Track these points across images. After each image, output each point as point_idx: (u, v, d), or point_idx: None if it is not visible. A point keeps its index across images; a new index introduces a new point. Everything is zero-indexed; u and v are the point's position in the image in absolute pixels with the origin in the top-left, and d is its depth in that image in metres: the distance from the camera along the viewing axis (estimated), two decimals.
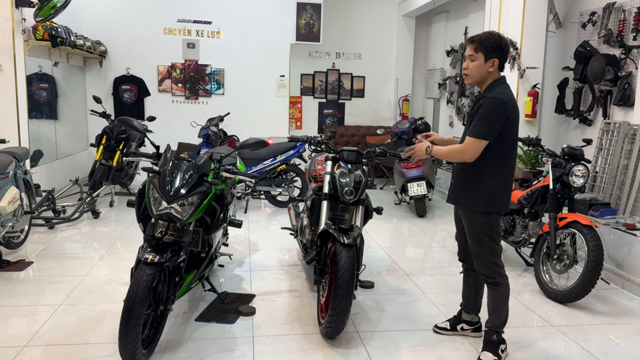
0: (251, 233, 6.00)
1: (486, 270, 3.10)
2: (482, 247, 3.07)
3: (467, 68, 3.02)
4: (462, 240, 3.35)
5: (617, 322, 3.85)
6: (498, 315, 3.14)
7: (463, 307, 3.52)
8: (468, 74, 3.03)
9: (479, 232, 3.06)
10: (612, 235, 4.60)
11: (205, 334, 3.45)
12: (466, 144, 2.94)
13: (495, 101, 2.88)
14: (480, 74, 2.99)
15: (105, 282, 4.31)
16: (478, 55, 2.97)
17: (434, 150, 3.08)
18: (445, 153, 3.06)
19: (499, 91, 2.94)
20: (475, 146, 2.91)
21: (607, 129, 5.45)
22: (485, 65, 2.96)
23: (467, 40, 3.07)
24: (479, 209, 3.03)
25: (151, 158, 3.52)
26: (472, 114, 3.02)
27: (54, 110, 7.51)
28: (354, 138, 10.14)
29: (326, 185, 3.85)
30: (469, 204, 3.07)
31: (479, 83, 3.04)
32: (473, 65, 2.99)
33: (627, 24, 5.40)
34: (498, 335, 3.17)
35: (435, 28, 10.21)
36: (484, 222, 3.03)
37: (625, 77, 5.36)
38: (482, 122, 2.89)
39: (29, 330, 3.42)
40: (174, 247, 3.08)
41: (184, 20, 8.85)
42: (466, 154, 2.95)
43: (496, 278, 3.09)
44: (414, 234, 6.23)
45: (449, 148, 3.05)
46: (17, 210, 4.75)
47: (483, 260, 3.09)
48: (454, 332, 3.52)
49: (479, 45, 2.96)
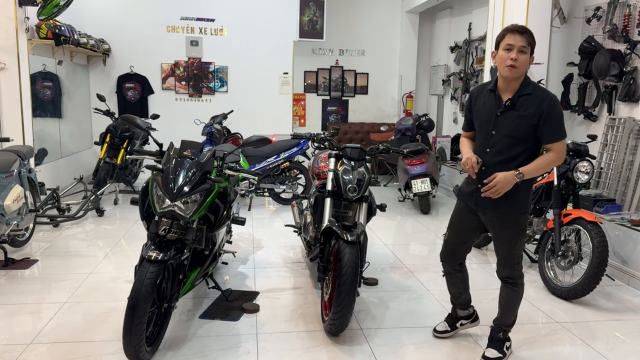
0: (255, 230, 6.00)
1: (512, 272, 3.02)
2: (517, 250, 2.99)
3: (517, 60, 2.77)
4: (458, 243, 3.20)
5: (623, 319, 3.83)
6: (510, 314, 3.11)
7: (457, 305, 3.43)
8: (517, 66, 2.78)
9: (517, 234, 2.97)
10: (617, 231, 4.58)
11: (210, 331, 3.46)
12: (560, 148, 2.83)
13: (558, 100, 2.86)
14: (525, 69, 2.85)
15: (109, 280, 4.32)
16: (529, 49, 2.80)
17: (527, 174, 2.82)
18: (541, 168, 2.86)
19: (543, 88, 2.91)
20: (565, 147, 2.92)
21: (612, 125, 5.42)
22: (529, 60, 2.84)
23: (511, 30, 2.81)
24: (522, 211, 2.94)
25: (155, 156, 3.52)
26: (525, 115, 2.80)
27: (58, 108, 7.53)
28: (358, 135, 10.13)
29: (329, 183, 3.84)
30: (510, 208, 2.91)
31: (517, 79, 2.85)
32: (524, 58, 2.79)
33: (633, 18, 5.37)
34: (505, 333, 3.15)
35: (439, 24, 10.18)
36: (522, 223, 2.96)
37: (630, 73, 5.33)
38: (561, 122, 2.82)
39: (34, 328, 3.43)
40: (178, 245, 3.09)
41: (187, 18, 8.84)
42: (563, 157, 2.89)
43: (517, 280, 3.04)
44: (418, 231, 6.22)
45: (541, 163, 2.84)
46: (22, 208, 4.77)
47: (513, 262, 3.01)
48: (455, 330, 3.46)
49: (531, 38, 2.81)
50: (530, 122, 2.81)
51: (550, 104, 2.79)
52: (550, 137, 2.83)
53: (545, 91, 2.86)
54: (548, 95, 2.83)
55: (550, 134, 2.82)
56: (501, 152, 2.88)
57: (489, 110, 2.93)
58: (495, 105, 2.90)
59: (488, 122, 2.92)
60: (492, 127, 2.90)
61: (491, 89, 2.94)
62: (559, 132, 2.82)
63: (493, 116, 2.90)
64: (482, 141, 2.97)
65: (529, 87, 2.85)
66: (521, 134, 2.84)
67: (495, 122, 2.89)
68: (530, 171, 2.82)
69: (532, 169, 2.83)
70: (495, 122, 2.89)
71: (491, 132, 2.90)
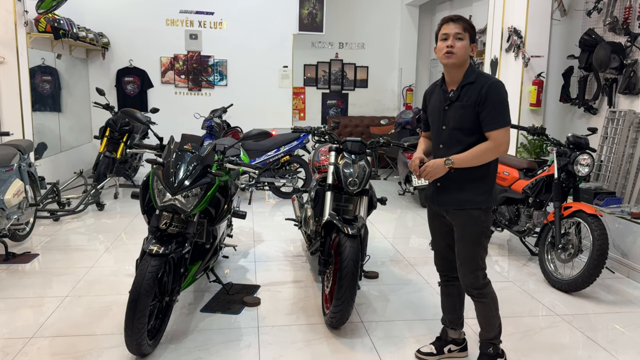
0: (255, 224, 6.00)
1: (475, 280, 2.82)
2: (478, 251, 2.80)
3: (453, 46, 2.69)
4: (443, 248, 3.03)
5: (622, 311, 3.84)
6: (491, 327, 2.91)
7: (447, 323, 3.16)
8: (455, 52, 2.69)
9: (477, 233, 2.79)
10: (617, 224, 4.59)
11: (211, 325, 3.47)
12: (498, 136, 2.66)
13: (500, 84, 2.71)
14: (465, 56, 2.73)
15: (110, 274, 4.33)
16: (465, 35, 2.71)
17: (457, 161, 2.70)
18: (474, 157, 2.71)
19: (487, 74, 2.79)
20: (507, 135, 2.70)
21: (613, 118, 5.41)
22: (468, 48, 2.73)
23: (446, 20, 2.76)
24: (481, 206, 2.77)
25: (155, 150, 3.51)
26: (468, 104, 2.71)
27: (58, 102, 7.51)
28: (358, 129, 10.12)
29: (330, 176, 3.84)
30: (470, 203, 2.77)
31: (459, 66, 2.75)
32: (462, 44, 2.70)
33: (633, 11, 5.35)
34: (495, 348, 2.92)
35: (439, 17, 10.14)
36: (484, 221, 2.79)
37: (630, 65, 5.32)
38: (501, 108, 2.67)
39: (35, 322, 3.44)
40: (179, 239, 3.09)
41: (186, 11, 8.81)
42: (502, 147, 2.69)
43: (482, 289, 2.83)
44: (418, 224, 6.23)
45: (474, 152, 2.70)
46: (22, 202, 4.77)
47: (474, 266, 2.81)
48: (441, 355, 3.14)
49: (467, 25, 2.73)
50: (473, 111, 2.70)
51: (489, 89, 2.67)
52: (487, 124, 2.68)
53: (487, 77, 2.75)
54: (489, 80, 2.71)
55: (487, 121, 2.68)
56: (452, 146, 2.78)
57: (438, 105, 2.86)
58: (443, 100, 2.82)
59: (438, 117, 2.85)
60: (441, 122, 2.82)
61: (439, 84, 2.88)
62: (497, 118, 2.66)
63: (441, 111, 2.82)
64: (434, 137, 2.90)
65: (472, 76, 2.74)
66: (467, 124, 2.73)
67: (443, 117, 2.81)
68: (461, 159, 2.70)
69: (464, 157, 2.70)
70: (443, 116, 2.81)
71: (441, 127, 2.82)
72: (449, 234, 2.94)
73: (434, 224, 3.04)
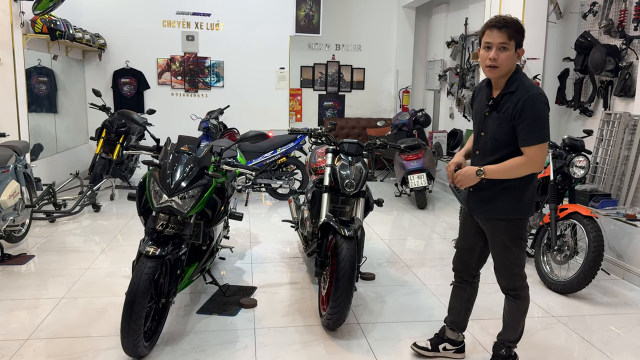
0: (252, 226, 6.00)
1: (511, 282, 2.81)
2: (512, 258, 2.77)
3: (497, 59, 2.55)
4: (466, 249, 3.00)
5: (618, 313, 3.86)
6: (514, 329, 2.91)
7: (448, 323, 3.14)
8: (498, 65, 2.55)
9: (505, 241, 2.75)
10: (612, 226, 4.61)
11: (207, 326, 3.46)
12: (532, 153, 2.55)
13: (538, 98, 2.55)
14: (510, 67, 2.58)
15: (107, 275, 4.32)
16: (511, 44, 2.54)
17: (489, 173, 2.63)
18: (506, 170, 2.61)
19: (530, 85, 2.60)
20: (543, 152, 2.56)
21: (608, 120, 5.43)
22: (515, 56, 2.58)
23: (489, 25, 2.58)
24: (512, 216, 2.71)
25: (151, 151, 3.51)
26: (505, 116, 2.61)
27: (54, 103, 7.50)
28: (354, 130, 10.13)
29: (327, 178, 3.84)
30: (499, 212, 2.72)
31: (504, 76, 2.63)
32: (506, 55, 2.54)
33: (628, 14, 5.38)
34: (508, 350, 2.93)
35: (435, 19, 10.17)
36: (512, 230, 2.73)
37: (626, 68, 5.35)
38: (538, 123, 2.54)
39: (31, 324, 3.43)
40: (175, 240, 3.09)
41: (183, 13, 8.80)
42: (537, 164, 2.57)
43: (518, 290, 2.82)
44: (415, 226, 6.24)
45: (507, 165, 2.60)
46: (18, 204, 4.76)
47: (507, 271, 2.80)
48: (435, 352, 3.14)
49: (514, 32, 2.53)
50: (509, 123, 2.60)
51: (525, 103, 2.54)
52: (523, 139, 2.57)
53: (527, 88, 2.58)
54: (527, 92, 2.56)
55: (522, 136, 2.56)
56: (486, 155, 2.72)
57: (480, 110, 2.78)
58: (485, 105, 2.73)
59: (478, 122, 2.78)
60: (481, 128, 2.75)
61: (485, 84, 2.77)
62: (533, 134, 2.54)
63: (482, 116, 2.74)
64: (474, 141, 2.83)
65: (514, 85, 2.61)
66: (503, 136, 2.63)
67: (483, 123, 2.74)
68: (493, 171, 2.62)
69: (496, 169, 2.62)
70: (483, 122, 2.74)
71: (480, 133, 2.76)
72: (477, 236, 2.93)
73: (466, 222, 3.00)
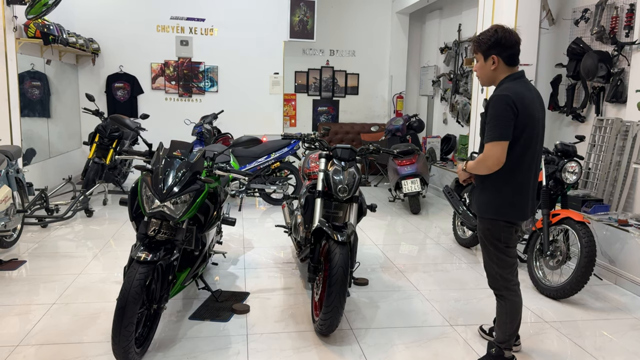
0: (245, 231, 5.99)
1: (492, 280, 3.00)
2: (489, 256, 2.96)
3: (477, 71, 2.93)
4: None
5: (610, 318, 3.87)
6: (501, 330, 3.02)
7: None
8: (478, 76, 2.94)
9: (484, 238, 2.95)
10: (604, 231, 4.62)
11: (200, 332, 3.45)
12: (485, 149, 2.75)
13: (499, 98, 2.71)
14: (486, 75, 2.87)
15: (98, 281, 4.29)
16: (478, 56, 2.87)
17: (468, 167, 2.95)
18: (473, 165, 2.88)
19: (504, 87, 2.78)
20: (495, 150, 2.70)
21: (600, 126, 5.47)
22: (486, 65, 2.84)
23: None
24: (485, 215, 2.89)
25: (144, 156, 3.50)
26: (483, 118, 2.88)
27: (47, 108, 7.47)
28: (348, 135, 10.14)
29: (320, 183, 3.84)
30: (478, 210, 2.94)
31: (492, 83, 2.89)
32: (477, 66, 2.91)
33: (620, 20, 5.42)
34: (498, 351, 3.03)
35: (429, 25, 10.22)
36: (488, 229, 2.90)
37: (617, 74, 5.38)
38: (493, 122, 2.71)
39: (22, 330, 3.40)
40: (167, 246, 3.08)
41: (177, 18, 8.81)
42: (488, 161, 2.73)
43: (501, 291, 2.97)
44: (408, 231, 6.24)
45: (475, 160, 2.87)
46: (10, 209, 4.72)
47: (489, 269, 2.99)
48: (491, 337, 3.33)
49: (476, 45, 2.86)
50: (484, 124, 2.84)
51: (489, 103, 2.76)
52: (484, 137, 2.80)
53: (500, 90, 2.78)
54: (495, 94, 2.77)
55: (484, 134, 2.80)
56: (480, 153, 2.87)
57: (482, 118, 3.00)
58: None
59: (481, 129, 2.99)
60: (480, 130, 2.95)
61: None
62: (488, 132, 2.73)
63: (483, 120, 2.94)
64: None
65: (496, 90, 2.83)
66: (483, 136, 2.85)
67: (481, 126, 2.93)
68: (469, 165, 2.92)
69: (469, 164, 2.91)
70: (481, 126, 2.92)
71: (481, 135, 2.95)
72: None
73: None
